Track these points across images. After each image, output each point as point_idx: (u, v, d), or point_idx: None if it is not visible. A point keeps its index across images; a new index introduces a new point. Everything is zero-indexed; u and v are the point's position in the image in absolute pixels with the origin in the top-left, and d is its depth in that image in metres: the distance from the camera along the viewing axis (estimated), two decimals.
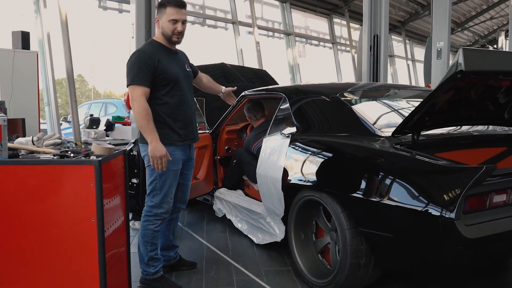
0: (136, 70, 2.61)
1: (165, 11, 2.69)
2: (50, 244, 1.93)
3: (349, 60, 16.46)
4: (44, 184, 1.93)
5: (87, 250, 1.91)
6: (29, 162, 1.95)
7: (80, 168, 1.91)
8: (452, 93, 2.33)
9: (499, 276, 3.01)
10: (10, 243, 1.94)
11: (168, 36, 2.72)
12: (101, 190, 1.90)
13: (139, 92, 2.59)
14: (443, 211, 2.02)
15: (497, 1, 19.95)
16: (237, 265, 3.25)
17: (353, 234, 2.52)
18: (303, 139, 3.00)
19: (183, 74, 2.82)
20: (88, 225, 1.90)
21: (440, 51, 5.93)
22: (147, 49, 2.70)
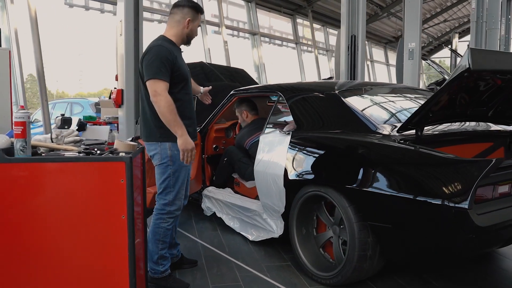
0: (158, 65, 2.62)
1: (198, 17, 2.85)
2: (80, 241, 1.89)
3: (312, 60, 16.76)
4: (73, 182, 1.89)
5: (118, 247, 1.89)
6: (57, 160, 1.91)
7: (111, 165, 1.89)
8: (455, 90, 2.46)
9: (485, 264, 3.20)
10: (40, 241, 1.89)
11: (191, 38, 2.87)
12: (131, 186, 1.88)
13: (163, 87, 2.60)
14: (456, 202, 2.13)
15: (450, 5, 20.90)
16: (237, 261, 3.27)
17: (361, 227, 2.61)
18: (305, 136, 3.07)
19: (189, 72, 2.91)
20: (118, 222, 1.88)
21: (412, 51, 6.18)
22: (165, 44, 2.73)
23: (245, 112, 4.28)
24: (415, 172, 2.40)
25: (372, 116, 2.98)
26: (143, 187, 2.30)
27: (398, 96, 3.56)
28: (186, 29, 2.81)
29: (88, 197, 1.89)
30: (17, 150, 1.91)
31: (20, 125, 1.91)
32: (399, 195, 2.38)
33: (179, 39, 2.82)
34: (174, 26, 2.82)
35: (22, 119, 1.91)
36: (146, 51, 2.73)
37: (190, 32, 2.83)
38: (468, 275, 2.98)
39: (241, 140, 4.17)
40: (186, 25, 2.80)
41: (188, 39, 2.85)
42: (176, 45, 2.81)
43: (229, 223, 3.98)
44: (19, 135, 1.91)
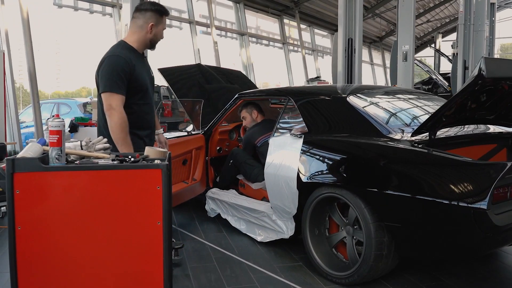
0: (115, 77, 2.52)
1: (162, 20, 2.72)
2: (116, 248, 1.90)
3: (299, 59, 16.87)
4: (109, 189, 1.89)
5: (153, 254, 1.90)
6: (94, 168, 1.91)
7: (148, 172, 1.90)
8: (468, 96, 2.55)
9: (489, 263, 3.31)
10: (78, 248, 1.89)
11: (156, 42, 2.74)
12: (167, 193, 1.90)
13: (118, 101, 2.52)
14: (475, 203, 2.22)
15: (433, 6, 21.27)
16: (249, 263, 3.31)
17: (377, 227, 2.68)
18: (318, 139, 3.13)
19: (149, 80, 2.78)
20: (154, 228, 1.90)
21: (405, 54, 6.31)
22: (123, 54, 2.60)
23: (255, 112, 4.33)
24: (433, 175, 2.48)
25: (384, 119, 3.06)
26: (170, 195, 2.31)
27: (405, 100, 3.65)
28: (149, 34, 2.68)
29: (124, 204, 1.90)
30: (52, 159, 1.91)
31: (56, 133, 1.91)
32: (417, 197, 2.46)
33: (141, 45, 2.71)
34: (136, 32, 2.70)
35: (58, 127, 1.91)
36: (103, 60, 2.60)
37: (154, 37, 2.70)
38: (476, 272, 3.08)
39: (251, 138, 4.19)
40: (149, 30, 2.68)
41: (152, 44, 2.73)
42: (137, 51, 2.70)
43: (235, 224, 4.01)
44: (54, 144, 1.91)
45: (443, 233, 2.44)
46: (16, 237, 1.88)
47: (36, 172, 1.87)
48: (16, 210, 1.87)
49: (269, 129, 4.11)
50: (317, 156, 3.07)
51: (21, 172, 1.86)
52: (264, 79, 14.69)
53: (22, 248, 1.88)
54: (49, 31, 29.07)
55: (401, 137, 2.88)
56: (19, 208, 1.87)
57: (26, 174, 1.87)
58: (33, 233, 1.88)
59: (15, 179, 1.86)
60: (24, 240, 1.88)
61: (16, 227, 1.87)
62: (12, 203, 1.86)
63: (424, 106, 3.66)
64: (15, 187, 1.86)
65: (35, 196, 1.88)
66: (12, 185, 1.86)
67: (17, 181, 1.86)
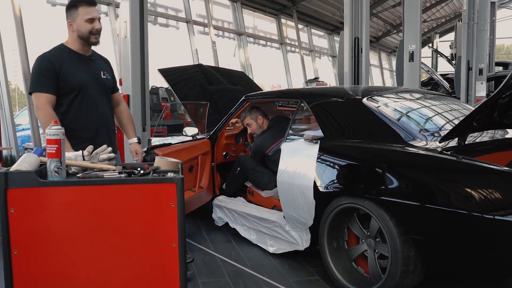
0: (38, 77, 2.52)
1: (78, 12, 2.58)
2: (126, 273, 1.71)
3: (297, 60, 16.71)
4: (118, 207, 1.69)
5: (168, 279, 1.71)
6: (98, 182, 1.70)
7: (161, 187, 1.70)
8: (501, 100, 2.39)
9: None
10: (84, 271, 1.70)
11: (86, 37, 2.60)
12: (183, 211, 1.71)
13: (43, 100, 2.48)
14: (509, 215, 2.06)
15: (429, 5, 21.19)
16: (263, 277, 3.13)
17: (403, 241, 2.51)
18: (337, 145, 2.95)
19: (94, 81, 2.69)
20: (169, 250, 1.70)
21: (412, 54, 6.15)
22: (51, 54, 2.60)
23: (261, 117, 4.13)
24: (465, 185, 2.31)
25: (406, 124, 2.88)
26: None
27: (422, 102, 3.47)
28: (73, 32, 2.62)
29: (134, 224, 1.70)
30: (51, 172, 1.71)
31: (54, 143, 1.70)
32: (448, 209, 2.29)
33: (76, 44, 2.64)
34: (68, 33, 2.67)
35: (56, 136, 1.71)
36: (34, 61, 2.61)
37: (79, 33, 2.60)
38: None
39: (262, 147, 3.98)
40: (71, 28, 2.62)
41: (84, 39, 2.61)
42: (75, 51, 2.64)
43: (245, 234, 3.83)
44: (53, 155, 1.71)
45: (480, 249, 2.27)
46: (13, 263, 1.68)
47: (33, 187, 1.67)
48: (11, 232, 1.66)
49: (279, 135, 3.93)
50: (336, 164, 2.89)
51: (15, 187, 1.66)
52: (261, 81, 14.48)
53: (19, 275, 1.68)
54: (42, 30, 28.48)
55: (426, 143, 2.71)
56: (15, 230, 1.67)
57: (22, 190, 1.67)
58: (31, 258, 1.69)
59: (9, 196, 1.66)
60: (22, 265, 1.68)
61: (12, 251, 1.67)
62: (7, 224, 1.66)
63: (443, 108, 3.49)
64: (9, 205, 1.66)
65: (33, 215, 1.68)
66: (5, 203, 1.66)
67: (12, 198, 1.66)
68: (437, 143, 2.70)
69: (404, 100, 3.42)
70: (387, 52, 27.08)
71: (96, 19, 2.60)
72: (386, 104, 3.17)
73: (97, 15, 2.62)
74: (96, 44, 2.67)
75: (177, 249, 1.71)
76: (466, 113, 3.45)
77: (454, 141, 2.63)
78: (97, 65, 2.76)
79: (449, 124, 3.09)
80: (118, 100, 2.97)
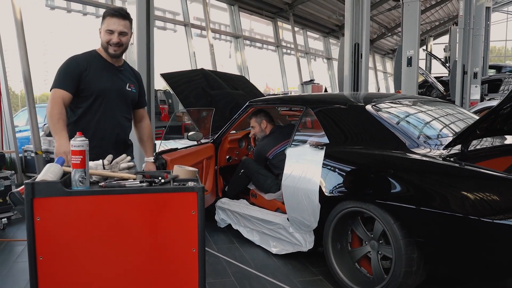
0: (60, 75, 2.61)
1: (104, 21, 2.66)
2: (148, 279, 1.78)
3: (293, 62, 16.82)
4: (141, 215, 1.75)
5: (188, 283, 1.80)
6: (121, 192, 1.76)
7: (182, 196, 1.77)
8: (505, 109, 2.49)
9: None
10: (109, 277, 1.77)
11: (105, 47, 2.67)
12: (203, 218, 1.78)
13: (57, 94, 2.56)
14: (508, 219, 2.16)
15: (424, 9, 21.40)
16: (268, 277, 3.21)
17: (407, 244, 2.60)
18: (342, 151, 3.04)
19: (116, 91, 2.72)
20: (189, 256, 1.78)
21: (410, 59, 6.27)
22: (79, 57, 2.68)
23: (265, 122, 4.22)
24: (468, 190, 2.40)
25: (410, 131, 2.98)
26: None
27: (423, 109, 3.57)
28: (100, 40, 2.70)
29: (156, 231, 1.77)
30: (75, 182, 1.78)
31: (79, 154, 1.77)
32: (451, 214, 2.38)
33: (103, 52, 2.71)
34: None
35: (81, 147, 1.78)
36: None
37: (101, 41, 2.69)
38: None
39: (263, 151, 4.09)
40: (100, 35, 2.70)
41: (104, 48, 2.69)
42: (104, 59, 2.70)
43: (248, 235, 3.92)
44: (77, 165, 1.77)
45: (480, 251, 2.37)
46: (38, 268, 1.74)
47: (58, 197, 1.73)
48: (37, 239, 1.73)
49: (280, 139, 4.02)
50: (342, 169, 2.98)
51: (41, 197, 1.72)
52: (257, 82, 14.58)
53: (44, 280, 1.74)
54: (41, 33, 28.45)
55: (430, 150, 2.81)
56: (40, 237, 1.73)
57: (48, 200, 1.73)
58: (56, 264, 1.75)
59: (35, 205, 1.72)
60: (47, 271, 1.74)
61: (38, 257, 1.74)
62: (33, 232, 1.72)
63: (442, 114, 3.59)
64: (36, 214, 1.72)
65: (58, 223, 1.74)
66: (32, 212, 1.72)
67: (38, 207, 1.72)
68: (440, 149, 2.80)
69: (405, 106, 3.52)
70: (381, 55, 27.29)
71: (116, 32, 2.62)
72: (388, 111, 3.27)
73: (118, 28, 2.63)
74: (115, 56, 2.70)
75: (196, 255, 1.79)
76: (464, 118, 3.57)
77: (456, 148, 2.72)
78: (125, 77, 2.78)
79: (449, 130, 3.19)
80: (142, 116, 2.97)
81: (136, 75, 2.92)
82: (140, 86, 2.92)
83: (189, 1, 12.16)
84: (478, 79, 9.90)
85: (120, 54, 2.72)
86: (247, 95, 5.30)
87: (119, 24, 2.63)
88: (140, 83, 2.94)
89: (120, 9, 2.69)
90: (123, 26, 2.65)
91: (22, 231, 4.41)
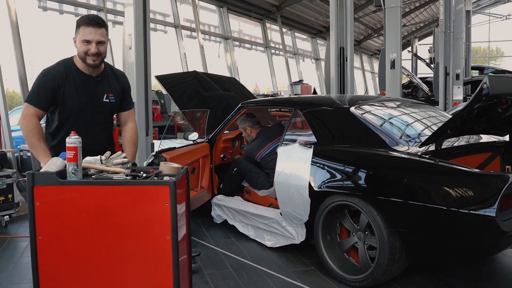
0: (35, 90, 2.57)
1: (79, 30, 2.56)
2: (126, 260, 2.03)
3: (281, 63, 17.08)
4: (121, 204, 2.01)
5: (163, 267, 2.02)
6: (106, 183, 2.04)
7: (156, 189, 2.01)
8: (473, 111, 2.77)
9: None
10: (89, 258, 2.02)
11: (82, 58, 2.57)
12: (175, 209, 2.01)
13: (29, 111, 2.54)
14: (485, 210, 2.43)
15: (408, 11, 21.84)
16: (263, 268, 3.45)
17: (390, 233, 2.87)
18: (329, 150, 3.30)
19: (92, 104, 2.66)
20: (163, 242, 2.01)
21: (393, 61, 6.58)
22: (55, 71, 2.60)
23: (249, 129, 4.50)
24: (442, 184, 2.68)
25: (391, 131, 3.25)
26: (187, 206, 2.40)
27: (406, 111, 3.85)
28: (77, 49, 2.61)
29: (135, 219, 2.01)
30: (69, 173, 2.04)
31: (72, 150, 2.03)
32: (429, 205, 2.65)
33: (80, 63, 2.62)
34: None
35: (74, 144, 2.04)
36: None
37: (78, 52, 2.59)
38: (476, 272, 3.30)
39: (251, 154, 4.37)
40: (75, 45, 2.61)
41: (82, 59, 2.59)
42: (82, 71, 2.63)
43: (243, 230, 4.15)
44: (71, 159, 2.04)
45: (453, 239, 2.65)
46: (37, 246, 2.02)
47: (54, 185, 2.02)
48: (37, 221, 2.01)
49: (265, 142, 4.30)
50: (329, 166, 3.24)
51: (40, 185, 2.01)
52: (246, 83, 14.80)
53: (43, 256, 2.02)
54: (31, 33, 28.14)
55: (408, 147, 3.08)
56: (39, 219, 2.01)
57: (46, 188, 2.02)
58: (53, 242, 2.03)
59: (35, 192, 2.01)
60: (45, 248, 2.02)
61: (37, 236, 2.02)
62: (33, 214, 2.01)
63: (421, 116, 3.88)
64: (35, 199, 2.01)
65: (54, 207, 2.03)
66: (32, 197, 2.00)
67: (37, 194, 2.01)
68: (417, 147, 3.08)
69: (387, 108, 3.80)
70: (368, 55, 27.71)
71: (93, 42, 2.52)
72: (371, 112, 3.55)
73: (95, 38, 2.53)
74: (94, 66, 2.60)
75: (170, 242, 2.02)
76: (442, 120, 3.86)
77: (432, 146, 3.00)
78: (102, 87, 2.70)
79: (427, 130, 3.48)
80: (126, 119, 2.88)
81: (118, 78, 2.81)
82: (123, 88, 2.82)
83: (179, 2, 12.35)
84: (460, 80, 10.28)
85: (99, 63, 2.63)
86: (238, 96, 5.56)
87: (96, 33, 2.53)
88: (124, 84, 2.83)
89: (95, 17, 2.59)
90: (100, 35, 2.54)
91: (24, 228, 4.59)
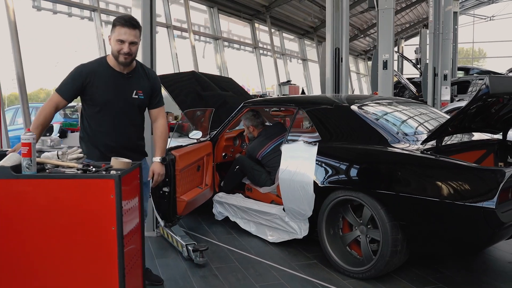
0: (65, 81, 2.75)
1: (114, 30, 2.71)
2: (74, 250, 2.14)
3: (270, 63, 17.22)
4: (70, 196, 2.14)
5: (108, 255, 2.13)
6: (56, 177, 2.16)
7: (102, 182, 2.13)
8: (472, 109, 2.93)
9: None
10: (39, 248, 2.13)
11: (115, 56, 2.73)
12: (120, 201, 2.12)
13: (54, 99, 2.71)
14: (485, 203, 2.59)
15: (395, 11, 22.15)
16: (268, 262, 3.57)
17: (392, 226, 3.01)
18: (333, 147, 3.43)
19: (121, 100, 2.80)
20: (109, 233, 2.13)
21: (386, 62, 6.75)
22: (87, 67, 2.77)
23: (252, 127, 4.61)
24: (444, 178, 2.83)
25: (392, 128, 3.40)
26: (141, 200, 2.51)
27: (404, 109, 4.01)
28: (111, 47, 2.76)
29: (83, 210, 2.14)
30: (23, 168, 2.15)
31: (27, 145, 2.14)
32: (431, 199, 2.80)
33: (113, 60, 2.78)
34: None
35: (28, 140, 2.14)
36: None
37: (112, 50, 2.75)
38: (471, 264, 3.47)
39: (253, 152, 4.49)
40: (109, 43, 2.77)
41: (114, 57, 2.75)
42: (112, 67, 2.78)
43: (245, 226, 4.26)
44: (25, 154, 2.15)
45: (454, 230, 2.80)
46: None
47: (8, 179, 2.14)
48: None
49: (266, 141, 4.42)
50: (333, 163, 3.37)
51: None
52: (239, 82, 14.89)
53: None
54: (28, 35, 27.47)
55: (409, 144, 3.23)
56: None
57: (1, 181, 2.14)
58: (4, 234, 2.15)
59: None
60: None
61: None
62: None
63: (418, 114, 4.04)
64: None
65: (7, 200, 2.15)
66: None
67: None
68: (418, 144, 3.23)
69: (385, 107, 3.95)
70: (354, 56, 28.01)
71: (127, 42, 2.67)
72: (371, 111, 3.69)
73: (129, 38, 2.68)
74: (125, 64, 2.75)
75: (115, 232, 2.14)
76: (437, 117, 4.02)
77: (432, 143, 3.16)
78: (132, 84, 2.83)
79: (425, 128, 3.64)
80: (156, 116, 3.00)
81: (148, 76, 2.94)
82: (153, 86, 2.94)
83: (170, 3, 12.39)
84: (448, 81, 10.54)
85: (130, 62, 2.78)
86: (236, 95, 5.68)
87: (130, 34, 2.68)
88: (154, 83, 2.96)
89: (131, 19, 2.75)
90: (133, 36, 2.69)
91: None
